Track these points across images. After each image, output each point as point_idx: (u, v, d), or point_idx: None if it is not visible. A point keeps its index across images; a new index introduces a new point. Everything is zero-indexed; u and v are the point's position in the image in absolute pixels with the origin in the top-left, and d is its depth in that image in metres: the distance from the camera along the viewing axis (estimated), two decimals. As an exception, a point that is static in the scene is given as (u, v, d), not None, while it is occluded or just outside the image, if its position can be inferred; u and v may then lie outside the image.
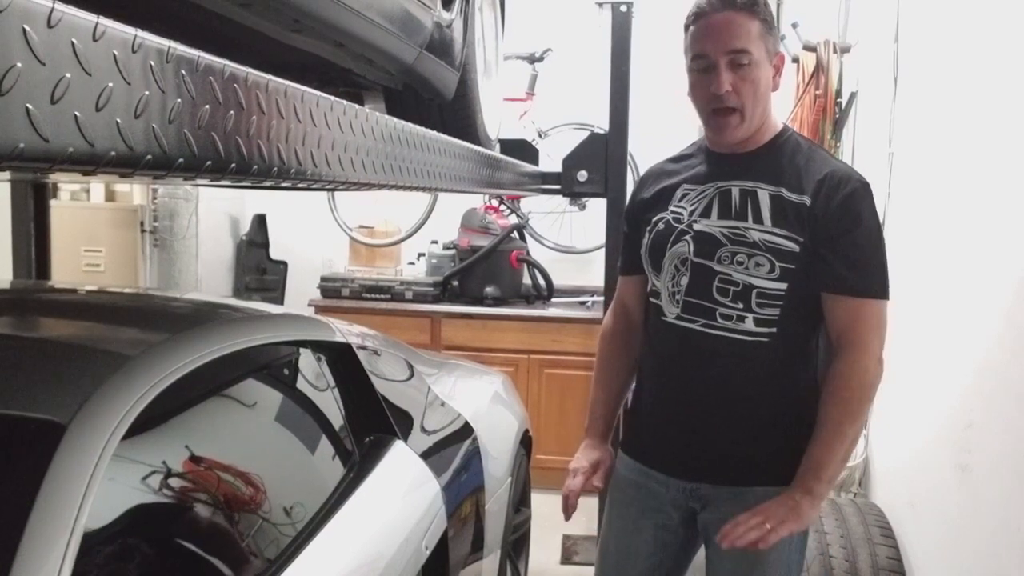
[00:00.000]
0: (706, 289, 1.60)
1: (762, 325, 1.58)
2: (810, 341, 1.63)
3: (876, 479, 2.75)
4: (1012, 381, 1.87)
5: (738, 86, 1.55)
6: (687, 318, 1.63)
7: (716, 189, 1.64)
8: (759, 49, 1.55)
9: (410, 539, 1.65)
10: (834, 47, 3.15)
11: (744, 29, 1.54)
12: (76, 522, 0.97)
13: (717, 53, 1.54)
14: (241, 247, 4.57)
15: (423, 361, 2.47)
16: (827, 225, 1.54)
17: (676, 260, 1.64)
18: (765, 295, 1.57)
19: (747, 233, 1.57)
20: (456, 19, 1.96)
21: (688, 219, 1.64)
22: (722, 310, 1.59)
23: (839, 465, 1.58)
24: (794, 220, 1.56)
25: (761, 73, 1.56)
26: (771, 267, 1.56)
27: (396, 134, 1.28)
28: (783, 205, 1.57)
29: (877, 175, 2.81)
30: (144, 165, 0.65)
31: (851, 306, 1.55)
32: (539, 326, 4.21)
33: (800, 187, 1.57)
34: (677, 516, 1.70)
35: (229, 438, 1.46)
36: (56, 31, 0.54)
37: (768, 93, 1.60)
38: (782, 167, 1.60)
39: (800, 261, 1.55)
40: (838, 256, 1.54)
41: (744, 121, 1.58)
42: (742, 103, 1.56)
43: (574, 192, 3.60)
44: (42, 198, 2.69)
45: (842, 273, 1.54)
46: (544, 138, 4.47)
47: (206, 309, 1.88)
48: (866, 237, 1.55)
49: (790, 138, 1.65)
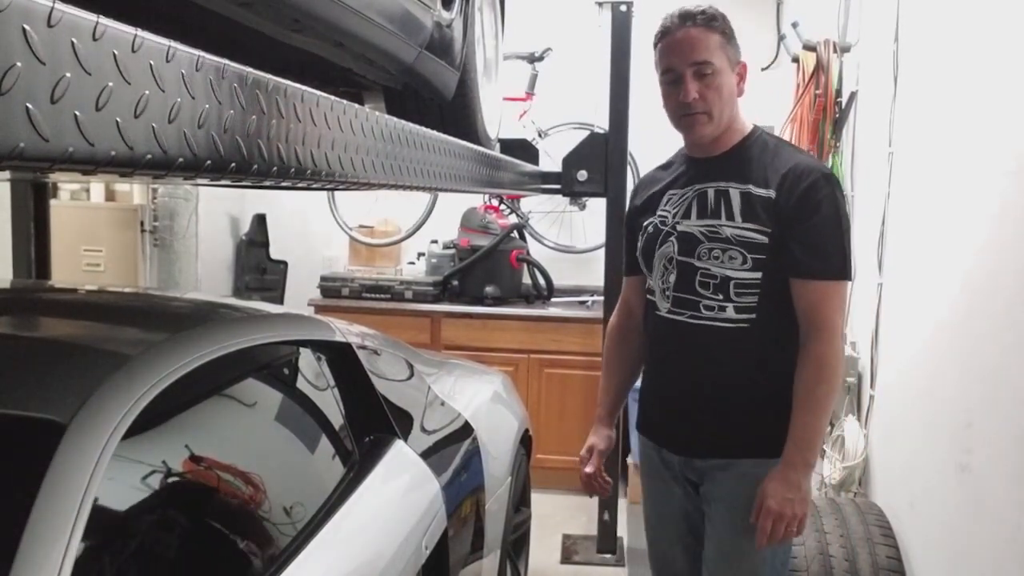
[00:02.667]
0: (690, 284, 1.77)
1: (742, 312, 1.73)
2: (788, 324, 1.74)
3: (876, 479, 2.75)
4: (1012, 381, 1.87)
5: (704, 93, 1.71)
6: (676, 311, 1.80)
7: (695, 191, 1.80)
8: (720, 59, 1.72)
9: (410, 539, 1.65)
10: (834, 47, 3.15)
11: (705, 43, 1.71)
12: (76, 522, 0.97)
13: (682, 66, 1.71)
14: (241, 247, 4.56)
15: (423, 361, 2.47)
16: (789, 215, 1.69)
17: (664, 260, 1.83)
18: (742, 285, 1.73)
19: (721, 230, 1.74)
20: (456, 19, 1.96)
21: (672, 221, 1.82)
22: (705, 301, 1.76)
23: (822, 432, 1.75)
24: (762, 213, 1.71)
25: (724, 80, 1.72)
26: (743, 259, 1.72)
27: (396, 134, 1.28)
28: (752, 201, 1.72)
29: (877, 175, 2.81)
30: (144, 165, 0.65)
31: (814, 289, 1.69)
32: (539, 326, 4.21)
33: (766, 182, 1.72)
34: (681, 490, 1.89)
35: (229, 438, 1.46)
36: (56, 31, 0.54)
37: (733, 98, 1.76)
38: (750, 166, 1.76)
39: (770, 251, 1.70)
40: (799, 243, 1.68)
41: (712, 120, 1.74)
42: (709, 107, 1.72)
43: (574, 192, 3.60)
44: (42, 198, 2.69)
45: (803, 259, 1.68)
46: (544, 138, 4.47)
47: (206, 309, 1.88)
48: (825, 223, 1.68)
49: (759, 138, 1.81)
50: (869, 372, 2.78)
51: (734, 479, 1.77)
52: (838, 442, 2.89)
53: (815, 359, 1.68)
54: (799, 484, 1.68)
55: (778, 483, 1.68)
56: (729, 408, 1.78)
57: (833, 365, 1.70)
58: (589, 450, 2.05)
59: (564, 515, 3.81)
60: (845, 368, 2.84)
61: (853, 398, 2.89)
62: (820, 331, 1.69)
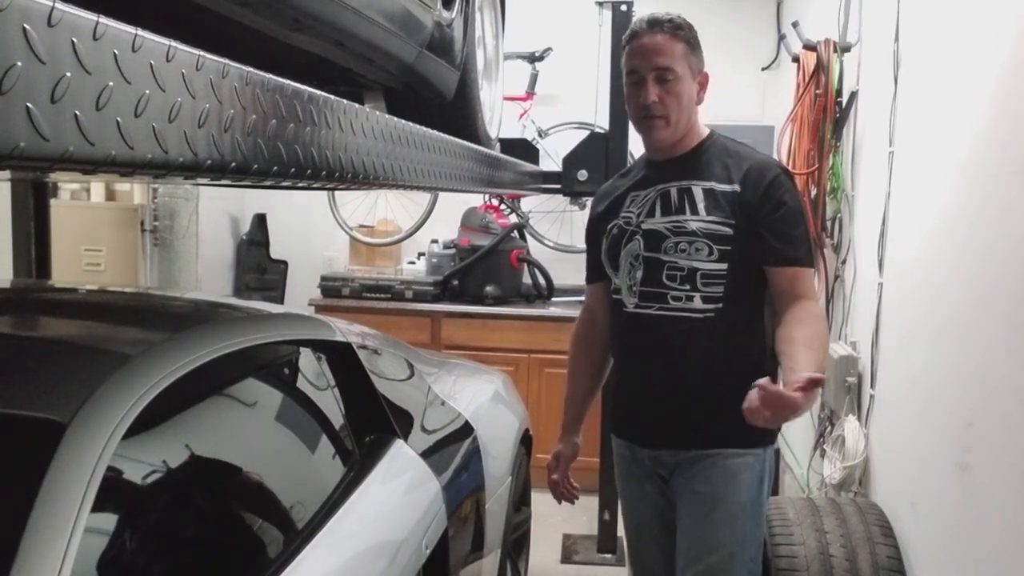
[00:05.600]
0: (657, 277, 1.83)
1: (709, 302, 1.79)
2: (754, 312, 1.83)
3: (876, 479, 2.75)
4: (1013, 380, 1.87)
5: (664, 98, 1.79)
6: (644, 305, 1.85)
7: (657, 191, 1.87)
8: (683, 67, 1.79)
9: (410, 538, 1.65)
10: (834, 46, 3.15)
11: (669, 49, 1.78)
12: (76, 522, 0.97)
13: (646, 69, 1.79)
14: (241, 246, 4.57)
15: (423, 360, 2.47)
16: (758, 208, 1.78)
17: (630, 257, 1.88)
18: (708, 275, 1.79)
19: (686, 224, 1.81)
20: (456, 18, 1.96)
21: (637, 220, 1.88)
22: (672, 292, 1.81)
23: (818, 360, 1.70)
24: (726, 207, 1.79)
25: (684, 87, 1.80)
26: (710, 250, 1.79)
27: (397, 133, 1.28)
28: (715, 196, 1.81)
29: (877, 175, 2.81)
30: (144, 164, 0.65)
31: (789, 273, 1.78)
32: (539, 325, 4.21)
33: (729, 178, 1.81)
34: (654, 486, 1.92)
35: (229, 437, 1.46)
36: (56, 30, 0.54)
37: (692, 104, 1.84)
38: (712, 165, 1.85)
39: (735, 242, 1.78)
40: (772, 233, 1.78)
41: (669, 126, 1.82)
42: (667, 112, 1.80)
43: (574, 191, 3.61)
44: (42, 197, 2.69)
45: (778, 247, 1.78)
46: (544, 137, 4.47)
47: (206, 308, 1.88)
48: (792, 214, 1.80)
49: (716, 141, 1.89)
50: (869, 372, 2.78)
51: (705, 470, 1.80)
52: (838, 442, 2.88)
53: (808, 313, 1.73)
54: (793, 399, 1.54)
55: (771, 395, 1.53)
56: (698, 398, 1.82)
57: (823, 319, 1.79)
58: (556, 457, 2.12)
59: (564, 515, 3.80)
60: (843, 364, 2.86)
61: (853, 398, 2.88)
62: (805, 298, 1.76)
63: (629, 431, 1.96)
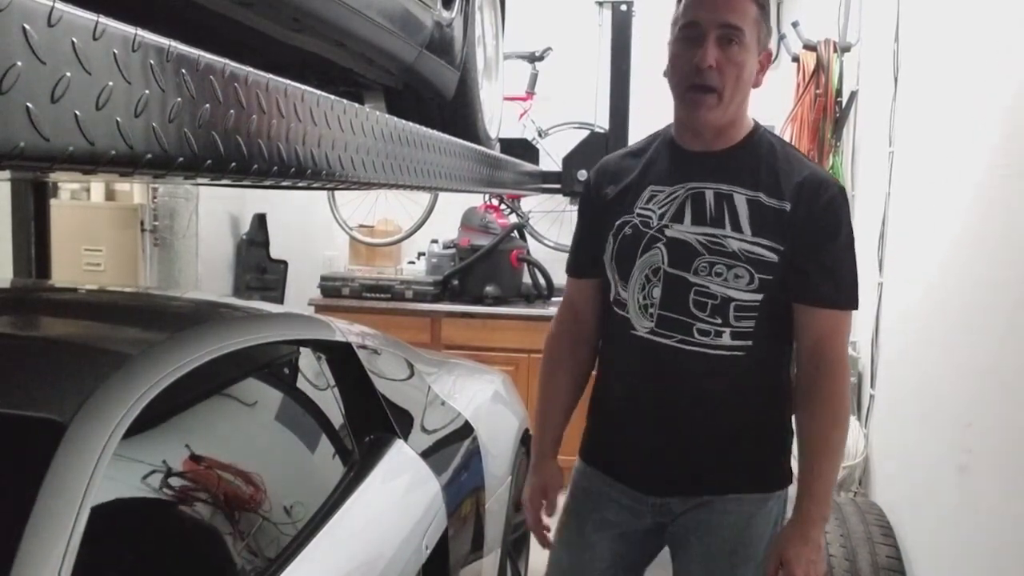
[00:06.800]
0: (682, 302, 1.50)
1: (738, 338, 1.50)
2: (782, 349, 1.57)
3: (876, 479, 2.75)
4: (1012, 381, 1.87)
5: (723, 65, 1.44)
6: (662, 333, 1.52)
7: (687, 191, 1.53)
8: (751, 34, 1.46)
9: (410, 538, 1.65)
10: (834, 46, 3.15)
11: (742, 6, 1.45)
12: (76, 522, 0.97)
13: (710, 24, 1.44)
14: (241, 246, 4.57)
15: (423, 360, 2.46)
16: (807, 233, 1.47)
17: (647, 269, 1.53)
18: (742, 307, 1.49)
19: (726, 242, 1.48)
20: (456, 18, 1.96)
21: (658, 223, 1.53)
22: (699, 325, 1.50)
23: (836, 479, 1.57)
24: (774, 227, 1.47)
25: (748, 58, 1.46)
26: (750, 279, 1.47)
27: (397, 133, 1.28)
28: (762, 211, 1.48)
29: (877, 175, 2.81)
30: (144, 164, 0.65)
31: (826, 317, 1.50)
32: (539, 325, 4.20)
33: (779, 191, 1.48)
34: (642, 528, 1.63)
35: (229, 437, 1.46)
36: (56, 30, 0.54)
37: (749, 85, 1.50)
38: (758, 169, 1.51)
39: (777, 271, 1.48)
40: (817, 266, 1.48)
41: (721, 103, 1.47)
42: (723, 85, 1.45)
43: (574, 191, 3.61)
44: (42, 197, 2.69)
45: (819, 284, 1.48)
46: (544, 137, 4.47)
47: (206, 308, 1.88)
48: (844, 248, 1.49)
49: (763, 137, 1.56)
50: (869, 372, 2.78)
51: (719, 516, 1.56)
52: (838, 442, 2.89)
53: (827, 401, 1.49)
54: (819, 542, 1.50)
55: (800, 544, 1.48)
56: (716, 444, 1.56)
57: (845, 406, 1.52)
58: (543, 492, 1.77)
59: (564, 515, 3.80)
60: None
61: (853, 398, 2.88)
62: (831, 367, 1.49)
63: (620, 471, 1.64)
